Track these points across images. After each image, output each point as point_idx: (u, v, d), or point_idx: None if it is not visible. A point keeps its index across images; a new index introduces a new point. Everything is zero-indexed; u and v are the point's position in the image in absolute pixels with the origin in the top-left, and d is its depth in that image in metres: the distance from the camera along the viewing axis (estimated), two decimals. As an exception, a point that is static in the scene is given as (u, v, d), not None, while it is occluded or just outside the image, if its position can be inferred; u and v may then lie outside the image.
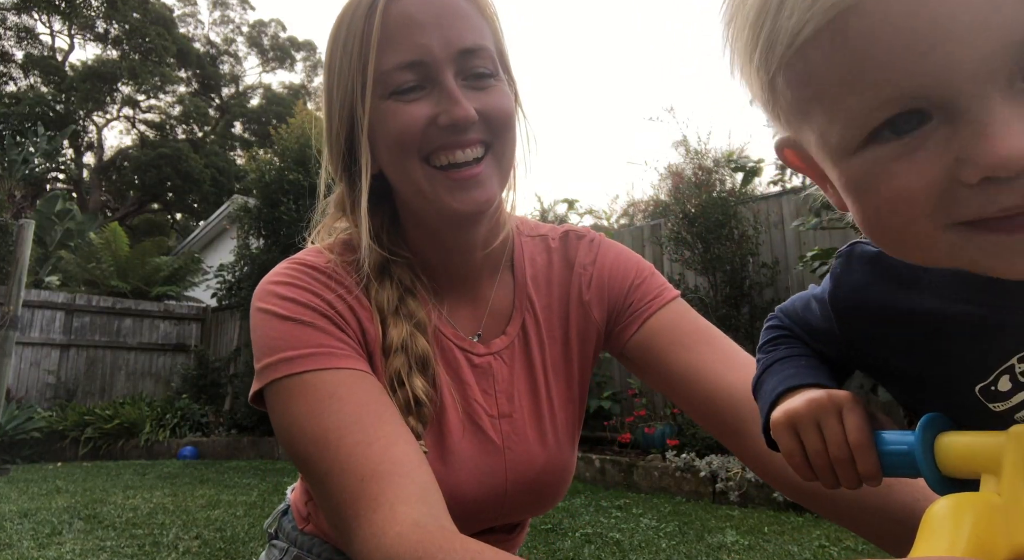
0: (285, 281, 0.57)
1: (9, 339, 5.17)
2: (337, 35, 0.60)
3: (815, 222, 4.01)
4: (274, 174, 7.84)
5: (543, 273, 0.70)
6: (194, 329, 9.60)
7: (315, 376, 0.52)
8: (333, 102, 0.61)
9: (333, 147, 0.63)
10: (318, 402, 0.51)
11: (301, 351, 0.53)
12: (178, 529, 3.52)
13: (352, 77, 0.58)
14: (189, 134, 23.35)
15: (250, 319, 0.58)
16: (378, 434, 0.50)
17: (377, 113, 0.58)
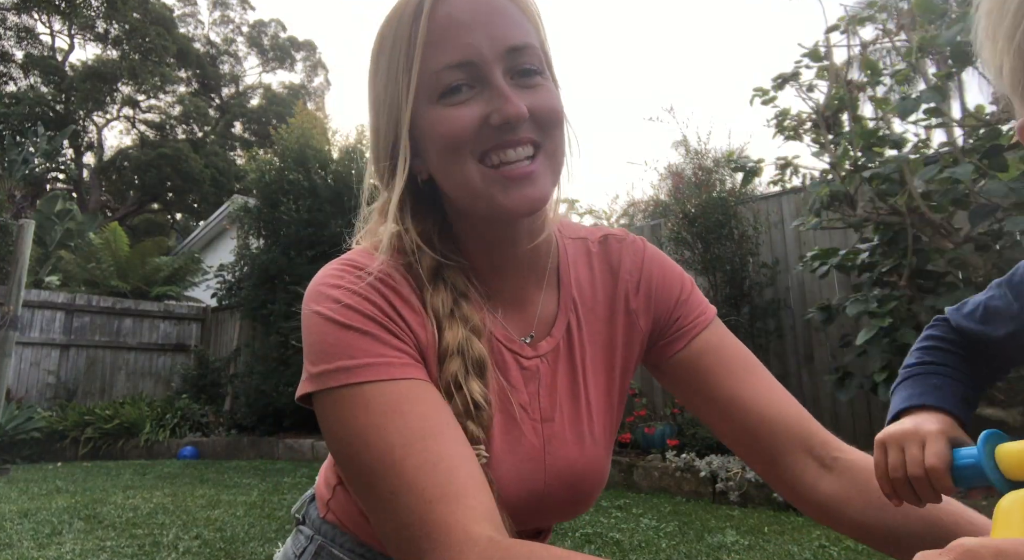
0: (339, 284, 0.56)
1: (9, 339, 5.16)
2: (383, 40, 0.60)
3: (815, 222, 4.01)
4: (274, 174, 7.84)
5: (586, 277, 0.70)
6: (194, 329, 9.60)
7: (375, 388, 0.52)
8: (380, 109, 0.61)
9: (381, 154, 0.62)
10: (381, 415, 0.51)
11: (360, 361, 0.52)
12: (178, 529, 3.52)
13: (399, 81, 0.58)
14: (189, 134, 23.34)
15: (302, 319, 0.57)
16: (443, 453, 0.50)
17: (426, 116, 0.57)
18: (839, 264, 3.92)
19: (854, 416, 4.43)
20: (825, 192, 3.90)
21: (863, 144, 3.62)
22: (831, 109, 3.85)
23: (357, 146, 8.27)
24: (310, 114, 8.64)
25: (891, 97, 3.71)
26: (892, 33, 3.65)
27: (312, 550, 0.69)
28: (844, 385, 3.86)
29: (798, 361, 4.77)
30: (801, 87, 3.97)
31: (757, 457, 0.67)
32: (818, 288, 4.76)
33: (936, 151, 3.51)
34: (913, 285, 3.58)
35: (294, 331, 7.20)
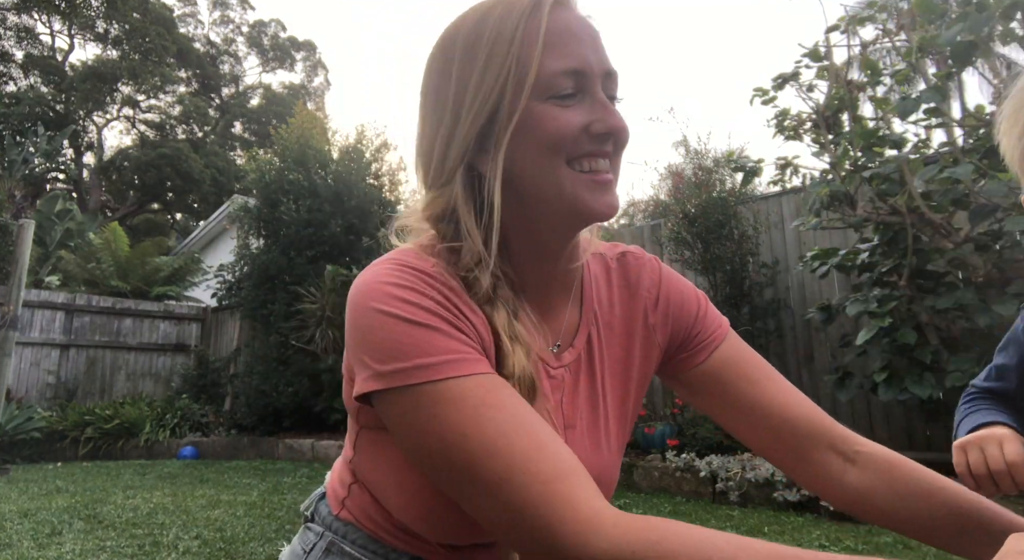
0: (399, 283, 0.55)
1: (9, 339, 5.17)
2: (480, 32, 0.59)
3: (815, 222, 4.01)
4: (274, 174, 7.84)
5: (605, 292, 0.73)
6: (194, 329, 9.60)
7: (458, 383, 0.52)
8: (465, 101, 0.59)
9: (450, 151, 0.60)
10: (473, 408, 0.51)
11: (436, 358, 0.52)
12: (178, 529, 3.52)
13: (505, 75, 0.57)
14: (189, 134, 23.35)
15: (358, 318, 0.55)
16: (543, 439, 0.51)
17: (533, 112, 0.58)
18: (839, 264, 3.92)
19: (854, 416, 4.43)
20: (825, 192, 3.90)
21: (863, 144, 3.62)
22: (831, 109, 3.85)
23: (357, 146, 8.27)
24: (310, 114, 8.64)
25: (891, 97, 3.71)
26: (892, 33, 3.65)
27: (322, 546, 0.69)
28: (844, 385, 3.86)
29: (798, 361, 4.77)
30: (801, 87, 3.98)
31: (784, 458, 0.70)
32: (818, 288, 4.76)
33: (936, 151, 3.51)
34: (913, 285, 3.58)
35: (294, 331, 7.20)
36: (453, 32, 0.61)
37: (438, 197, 0.61)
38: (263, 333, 7.81)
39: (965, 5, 3.03)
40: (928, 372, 3.41)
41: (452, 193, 0.60)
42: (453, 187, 0.60)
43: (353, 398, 0.57)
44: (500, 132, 0.58)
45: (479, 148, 0.59)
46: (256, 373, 7.44)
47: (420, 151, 0.64)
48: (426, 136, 0.63)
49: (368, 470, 0.65)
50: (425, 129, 0.63)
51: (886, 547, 2.95)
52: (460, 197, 0.60)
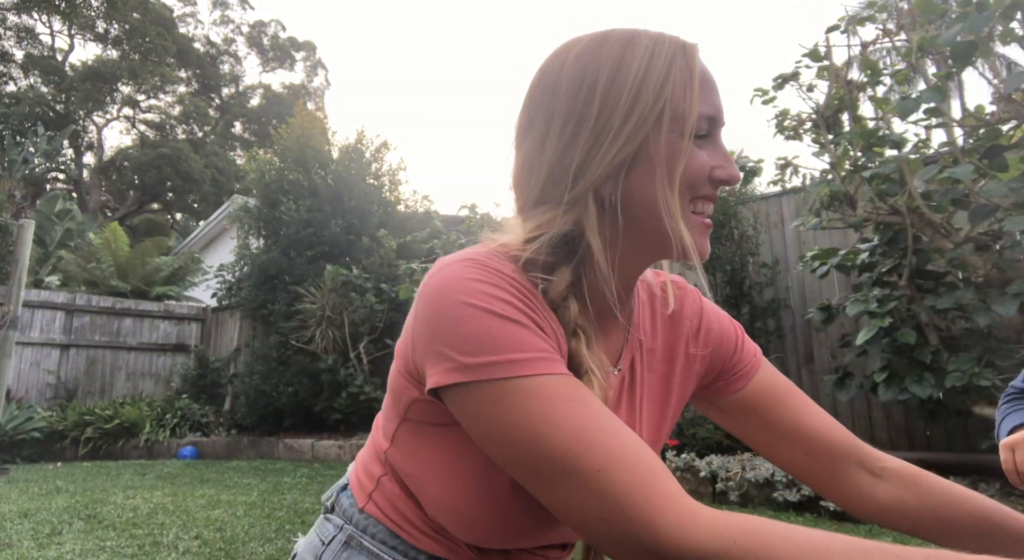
0: (484, 279, 0.56)
1: (9, 339, 5.17)
2: (625, 65, 0.60)
3: (815, 222, 4.01)
4: (274, 174, 7.84)
5: (649, 318, 0.75)
6: (194, 329, 9.60)
7: (548, 380, 0.53)
8: (607, 129, 0.59)
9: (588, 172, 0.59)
10: (566, 403, 0.52)
11: (527, 354, 0.53)
12: (178, 529, 3.52)
13: (654, 110, 0.59)
14: (189, 134, 23.34)
15: (441, 310, 0.55)
16: (632, 436, 0.52)
17: (674, 150, 0.59)
18: (839, 264, 3.92)
19: (854, 416, 4.43)
20: (825, 192, 3.90)
21: (863, 144, 3.62)
22: (831, 109, 3.86)
23: (357, 146, 8.27)
24: (310, 114, 8.63)
25: (891, 97, 3.71)
26: (892, 33, 3.65)
27: (341, 539, 0.68)
28: (844, 385, 3.86)
29: (798, 361, 4.77)
30: (801, 87, 3.98)
31: (819, 476, 0.75)
32: (818, 288, 4.77)
33: (936, 151, 3.51)
34: (913, 285, 3.58)
35: (294, 331, 7.20)
36: (589, 57, 0.61)
37: (560, 216, 0.60)
38: (263, 333, 7.81)
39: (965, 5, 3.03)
40: (928, 372, 3.41)
41: (580, 214, 0.60)
42: (582, 209, 0.60)
43: (426, 391, 0.56)
44: (643, 161, 0.59)
45: (612, 174, 0.60)
46: (256, 373, 7.44)
47: (535, 168, 0.62)
48: (549, 154, 0.61)
49: (406, 463, 0.64)
50: (548, 147, 0.61)
51: (886, 547, 2.95)
52: (592, 218, 0.60)
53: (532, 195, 0.62)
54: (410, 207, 8.52)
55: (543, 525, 0.63)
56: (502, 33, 60.33)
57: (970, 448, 3.80)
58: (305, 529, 2.84)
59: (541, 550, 0.68)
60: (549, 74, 0.63)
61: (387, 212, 8.17)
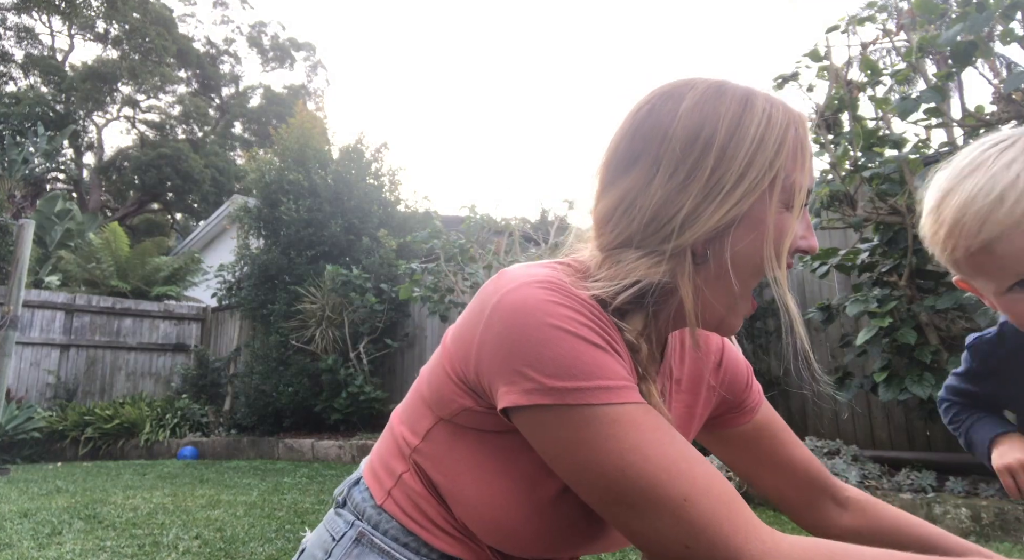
0: (569, 305, 0.56)
1: (9, 339, 5.17)
2: (744, 126, 0.60)
3: (815, 222, 4.01)
4: (274, 174, 7.84)
5: (678, 349, 0.76)
6: (194, 329, 9.60)
7: (636, 408, 0.54)
8: (720, 186, 0.58)
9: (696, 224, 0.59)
10: (651, 432, 0.53)
11: (616, 382, 0.54)
12: (178, 529, 3.53)
13: (767, 177, 0.59)
14: (189, 134, 23.34)
15: (526, 330, 0.54)
16: (711, 466, 0.54)
17: (780, 218, 0.60)
18: (839, 264, 3.92)
19: (854, 416, 4.43)
20: (825, 192, 3.90)
21: (863, 144, 3.62)
22: (831, 109, 3.85)
23: (357, 146, 8.27)
24: (310, 114, 8.63)
25: (891, 97, 3.71)
26: (892, 33, 3.65)
27: (352, 536, 0.67)
28: (844, 385, 3.86)
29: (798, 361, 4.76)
30: (801, 87, 3.98)
31: (796, 505, 0.84)
32: (818, 288, 4.77)
33: (936, 151, 3.51)
34: (913, 285, 3.58)
35: (294, 331, 7.20)
36: (708, 109, 0.60)
37: (658, 264, 0.59)
38: (263, 333, 7.82)
39: (965, 5, 3.03)
40: (928, 372, 3.41)
41: (676, 265, 0.60)
42: (679, 260, 0.60)
43: (499, 409, 0.56)
44: (746, 224, 0.60)
45: (717, 231, 0.60)
46: (256, 373, 7.44)
47: (634, 208, 0.61)
48: (654, 198, 0.59)
49: (440, 463, 0.64)
50: (654, 191, 0.60)
51: (886, 547, 2.95)
52: (687, 272, 0.60)
53: (625, 235, 0.61)
54: (410, 207, 8.52)
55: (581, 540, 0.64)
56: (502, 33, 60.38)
57: (970, 448, 3.80)
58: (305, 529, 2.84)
59: None
60: (661, 114, 0.61)
61: (387, 212, 8.17)
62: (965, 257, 0.73)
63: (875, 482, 3.60)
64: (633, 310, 0.60)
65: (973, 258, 0.73)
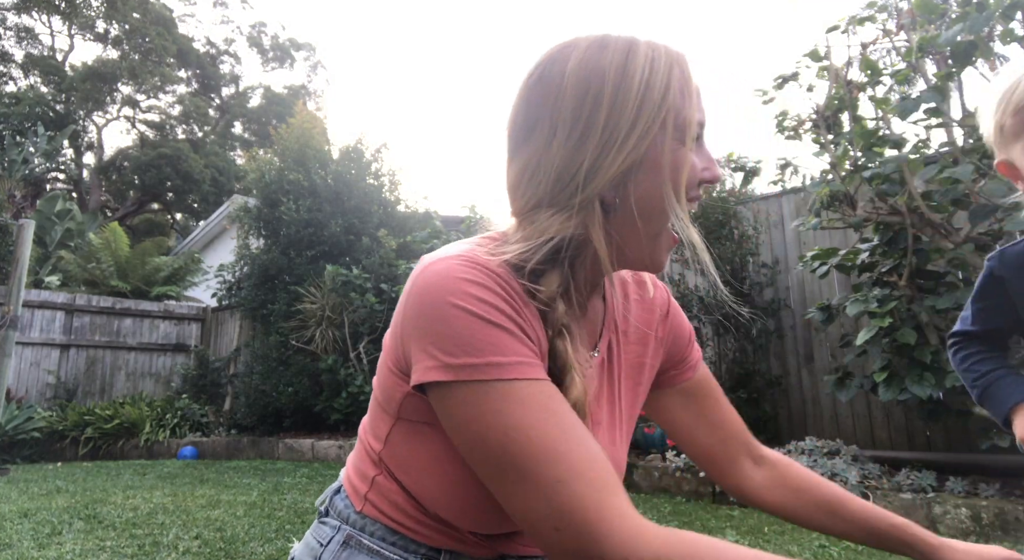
0: (475, 280, 0.57)
1: (9, 339, 5.17)
2: (628, 73, 0.61)
3: (815, 222, 4.01)
4: (274, 174, 7.84)
5: (622, 303, 0.79)
6: (194, 329, 9.60)
7: (526, 385, 0.55)
8: (616, 134, 0.60)
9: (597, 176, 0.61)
10: (537, 410, 0.54)
11: (508, 358, 0.55)
12: (178, 529, 3.53)
13: (659, 118, 0.61)
14: (189, 134, 23.34)
15: (428, 309, 0.57)
16: (596, 450, 0.54)
17: (675, 152, 0.62)
18: (839, 264, 3.92)
19: (854, 416, 4.43)
20: (825, 192, 3.90)
21: (863, 144, 3.62)
22: (831, 109, 3.85)
23: (357, 146, 8.27)
24: (310, 114, 8.63)
25: (891, 97, 3.71)
26: (892, 33, 3.65)
27: (339, 539, 0.69)
28: (844, 385, 3.86)
29: (798, 361, 4.77)
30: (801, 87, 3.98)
31: (721, 462, 0.85)
32: (818, 288, 4.77)
33: (936, 151, 3.51)
34: (913, 285, 3.58)
35: (294, 331, 7.20)
36: (592, 64, 0.62)
37: (568, 220, 0.61)
38: (263, 333, 7.81)
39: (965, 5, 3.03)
40: (928, 372, 3.41)
41: (587, 217, 0.61)
42: (589, 212, 0.61)
43: (411, 386, 0.58)
44: (647, 167, 0.61)
45: (620, 178, 0.61)
46: (256, 373, 7.44)
47: (539, 172, 0.62)
48: (556, 159, 0.61)
49: (402, 462, 0.66)
50: (555, 152, 0.61)
51: (886, 547, 2.95)
52: (598, 222, 0.61)
53: (536, 198, 0.63)
54: (410, 207, 8.51)
55: None
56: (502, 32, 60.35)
57: (970, 448, 3.80)
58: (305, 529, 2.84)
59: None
60: (550, 78, 0.63)
61: (387, 212, 8.17)
62: (1014, 113, 0.90)
63: (875, 482, 3.60)
64: (549, 270, 0.62)
65: (1018, 115, 0.89)
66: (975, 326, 1.17)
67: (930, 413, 3.65)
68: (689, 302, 5.05)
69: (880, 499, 3.41)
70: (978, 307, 1.17)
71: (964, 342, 1.19)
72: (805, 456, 3.89)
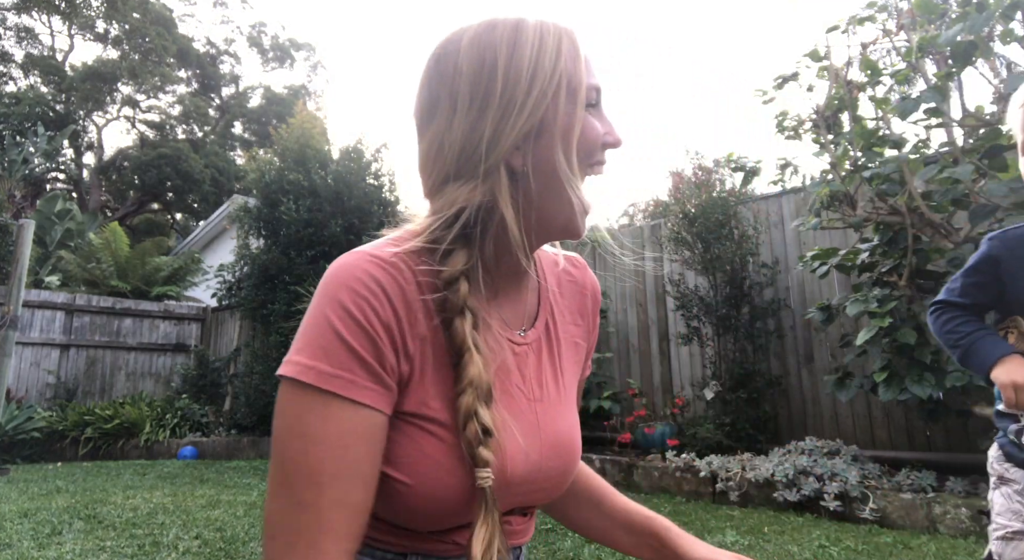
0: (355, 288, 0.58)
1: (9, 339, 5.16)
2: (519, 42, 0.63)
3: (815, 222, 4.01)
4: (274, 174, 7.83)
5: (555, 283, 0.80)
6: (194, 329, 9.60)
7: (338, 404, 0.56)
8: (513, 102, 0.62)
9: (498, 144, 0.62)
10: (329, 433, 0.55)
11: (336, 371, 0.56)
12: (178, 529, 3.52)
13: (553, 83, 0.63)
14: (189, 134, 23.33)
15: (312, 307, 0.59)
16: (354, 498, 0.56)
17: (573, 115, 0.63)
18: (839, 264, 3.92)
19: (854, 416, 4.43)
20: (825, 192, 3.90)
21: (863, 144, 3.62)
22: (831, 109, 3.85)
23: (357, 146, 8.27)
24: (310, 114, 8.63)
25: (891, 97, 3.71)
26: (892, 33, 3.65)
27: None
28: (844, 385, 3.86)
29: (798, 361, 4.77)
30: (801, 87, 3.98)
31: None
32: (818, 288, 4.76)
33: (936, 151, 3.51)
34: (913, 285, 3.58)
35: (294, 331, 7.18)
36: (484, 40, 0.64)
37: (474, 189, 0.62)
38: (263, 333, 7.81)
39: (965, 5, 3.03)
40: (928, 372, 3.41)
41: (494, 184, 0.62)
42: (495, 179, 0.62)
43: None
44: (547, 131, 0.62)
45: (520, 143, 0.63)
46: (256, 373, 7.43)
47: (444, 148, 0.64)
48: (458, 133, 0.63)
49: None
50: (457, 126, 0.63)
51: (886, 547, 2.95)
52: (505, 188, 0.62)
53: (443, 174, 0.64)
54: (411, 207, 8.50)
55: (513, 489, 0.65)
56: (502, 33, 60.20)
57: (970, 448, 3.80)
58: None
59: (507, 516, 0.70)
60: (445, 59, 0.65)
61: (388, 212, 8.17)
62: None
63: (875, 482, 3.59)
64: (457, 249, 0.63)
65: None
66: (962, 299, 1.25)
67: (930, 413, 3.65)
68: (689, 302, 5.05)
69: (880, 499, 3.41)
70: (969, 281, 1.24)
71: (946, 308, 1.27)
72: (805, 456, 3.89)
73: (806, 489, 3.59)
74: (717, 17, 55.25)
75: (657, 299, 5.77)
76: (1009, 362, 1.14)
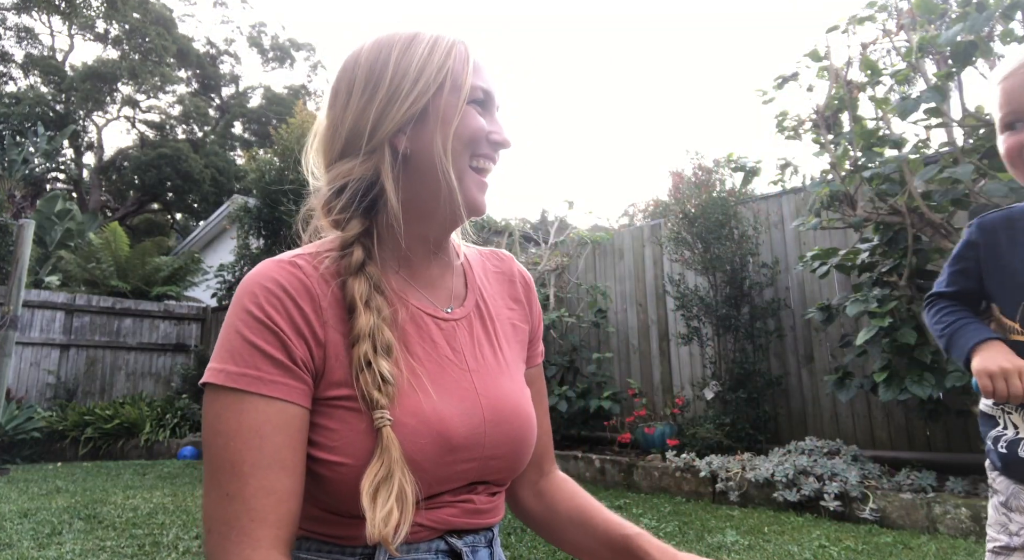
0: (256, 292, 0.64)
1: (9, 339, 5.16)
2: (416, 40, 0.72)
3: (815, 222, 4.01)
4: (274, 174, 7.84)
5: (482, 273, 0.86)
6: (194, 329, 9.60)
7: (251, 400, 0.60)
8: (400, 88, 0.69)
9: (384, 124, 0.70)
10: (246, 426, 0.60)
11: (243, 369, 0.61)
12: (178, 529, 3.53)
13: (440, 74, 0.70)
14: (189, 134, 23.33)
15: (226, 318, 0.65)
16: (277, 486, 0.59)
17: (449, 108, 0.70)
18: (839, 264, 3.92)
19: (854, 416, 4.43)
20: (825, 192, 3.90)
21: (863, 144, 3.62)
22: (831, 109, 3.85)
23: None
24: (310, 114, 8.63)
25: (891, 97, 3.71)
26: (892, 33, 3.65)
27: None
28: (844, 385, 3.86)
29: (798, 361, 4.77)
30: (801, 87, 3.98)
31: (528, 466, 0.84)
32: (818, 288, 4.77)
33: (936, 151, 3.51)
34: (913, 285, 3.58)
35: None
36: (383, 42, 0.72)
37: (362, 163, 0.70)
38: (263, 333, 7.80)
39: (965, 5, 3.03)
40: (928, 372, 3.41)
41: (378, 162, 0.70)
42: (379, 157, 0.70)
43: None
44: (430, 120, 0.69)
45: (403, 127, 0.69)
46: (256, 373, 7.42)
47: (337, 129, 0.72)
48: (350, 116, 0.71)
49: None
50: (350, 110, 0.71)
51: (886, 547, 2.95)
52: (387, 165, 0.69)
53: (336, 152, 0.73)
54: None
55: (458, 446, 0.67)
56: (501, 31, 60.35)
57: (970, 448, 3.80)
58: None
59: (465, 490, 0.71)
60: (351, 58, 0.73)
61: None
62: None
63: (875, 482, 3.60)
64: (351, 218, 0.71)
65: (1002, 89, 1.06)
66: (949, 287, 1.24)
67: (930, 413, 3.65)
68: (689, 302, 5.05)
69: (880, 499, 3.41)
70: (954, 269, 1.23)
71: (936, 299, 1.26)
72: (805, 456, 3.89)
73: (806, 489, 3.59)
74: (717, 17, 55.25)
75: (657, 299, 5.77)
76: (987, 349, 1.07)
